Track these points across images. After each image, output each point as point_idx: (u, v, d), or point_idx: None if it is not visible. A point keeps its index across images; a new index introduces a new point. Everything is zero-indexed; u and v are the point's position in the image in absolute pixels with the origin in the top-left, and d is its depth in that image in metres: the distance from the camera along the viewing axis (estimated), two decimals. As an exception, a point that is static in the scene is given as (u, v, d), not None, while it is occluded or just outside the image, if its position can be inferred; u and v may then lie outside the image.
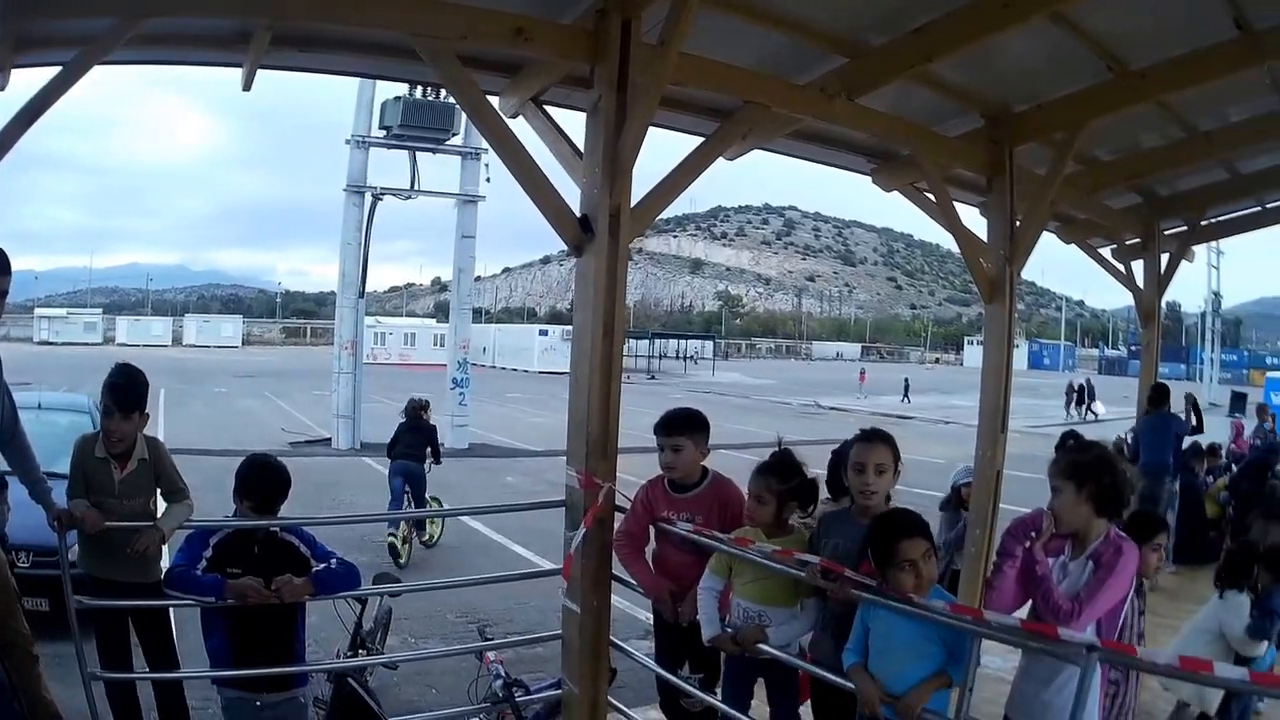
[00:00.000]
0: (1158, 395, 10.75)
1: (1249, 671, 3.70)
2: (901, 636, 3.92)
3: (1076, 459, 3.86)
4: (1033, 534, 3.75)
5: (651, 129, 5.60)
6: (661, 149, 6.63)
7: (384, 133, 23.33)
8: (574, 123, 5.79)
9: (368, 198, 23.98)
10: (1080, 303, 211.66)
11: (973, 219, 8.67)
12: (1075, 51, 6.83)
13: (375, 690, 5.81)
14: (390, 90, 22.58)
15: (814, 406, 45.06)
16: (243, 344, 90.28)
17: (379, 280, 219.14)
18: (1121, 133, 9.04)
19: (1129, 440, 11.29)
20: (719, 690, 4.90)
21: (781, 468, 4.67)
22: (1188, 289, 70.20)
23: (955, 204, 8.83)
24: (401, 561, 11.60)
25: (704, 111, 6.80)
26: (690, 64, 5.75)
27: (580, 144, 5.64)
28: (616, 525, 5.35)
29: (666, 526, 5.08)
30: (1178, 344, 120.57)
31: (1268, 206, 12.15)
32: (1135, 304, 12.39)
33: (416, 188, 24.26)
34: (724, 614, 4.67)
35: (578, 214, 5.45)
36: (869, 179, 8.80)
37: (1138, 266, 12.10)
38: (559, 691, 5.69)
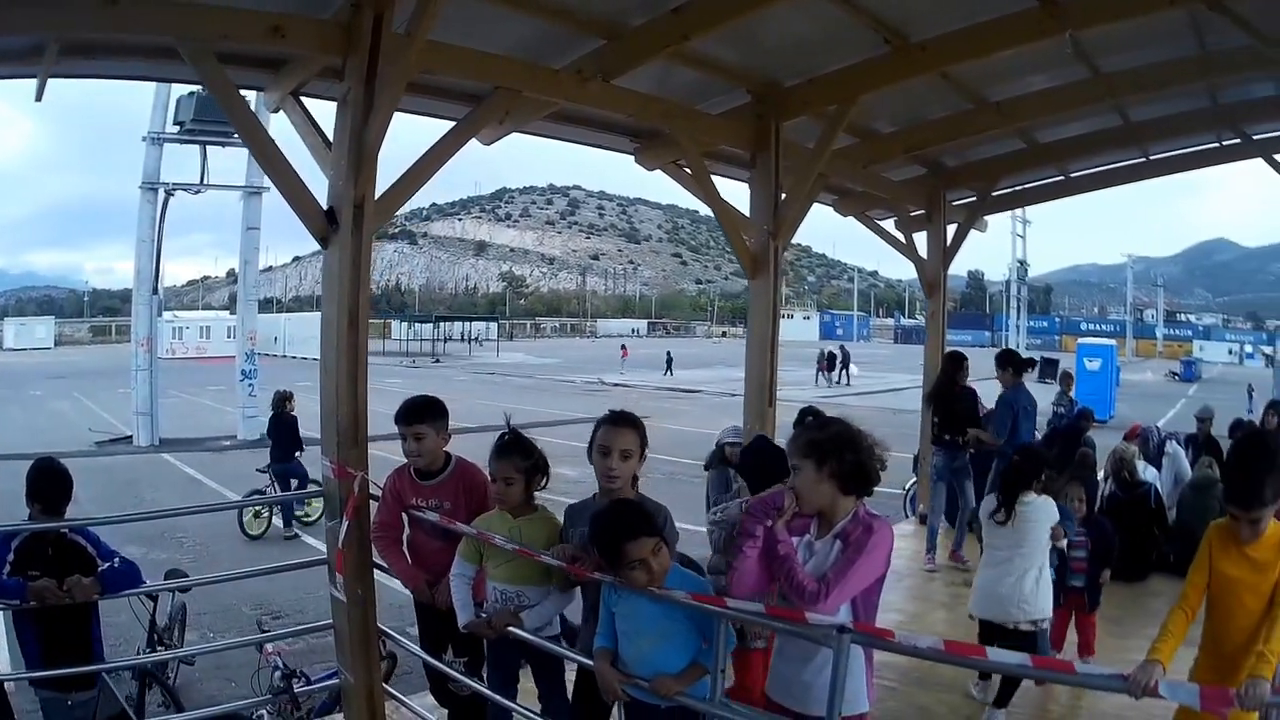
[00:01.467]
0: (1019, 362, 11.23)
1: (1030, 656, 4.28)
2: (647, 619, 4.52)
3: (815, 437, 4.25)
4: (773, 513, 4.18)
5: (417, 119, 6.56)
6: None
7: (178, 128, 25.80)
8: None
9: (161, 194, 26.68)
10: (874, 273, 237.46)
11: (743, 195, 9.69)
12: (851, 26, 7.86)
13: (180, 687, 6.84)
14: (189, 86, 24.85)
15: (598, 383, 49.98)
16: (55, 345, 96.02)
17: (178, 274, 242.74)
18: (903, 105, 10.29)
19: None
20: (486, 674, 5.60)
21: (519, 446, 5.30)
22: (996, 257, 78.85)
23: (726, 180, 9.96)
24: (252, 533, 14.44)
25: (460, 98, 7.56)
26: (440, 52, 6.55)
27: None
28: (373, 514, 6.04)
29: (416, 515, 5.77)
30: (981, 312, 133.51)
31: (1072, 175, 13.89)
32: (919, 275, 13.93)
33: (205, 182, 27.05)
34: (481, 598, 5.31)
35: (325, 206, 6.13)
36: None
37: (922, 237, 13.60)
38: (338, 681, 6.46)
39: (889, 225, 14.09)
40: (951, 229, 14.07)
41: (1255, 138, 12.63)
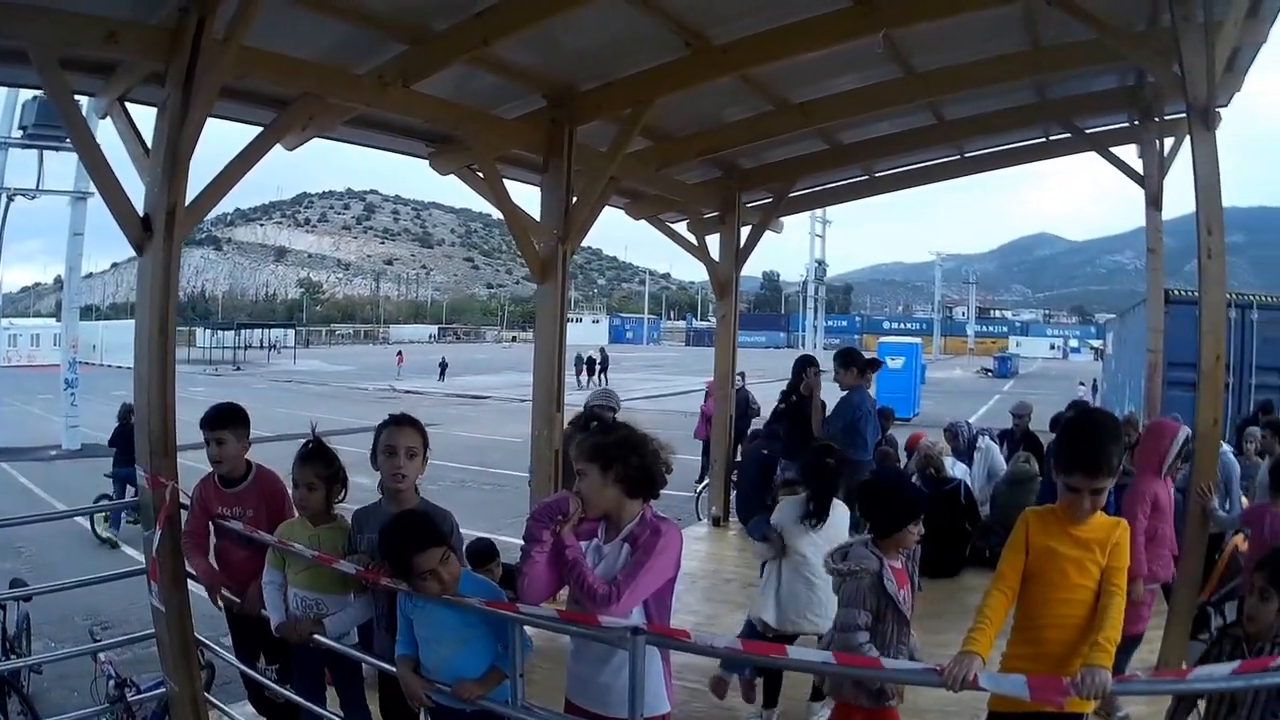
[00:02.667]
0: (862, 362, 11.70)
1: (834, 654, 4.89)
2: (444, 626, 5.13)
3: (600, 441, 4.70)
4: (559, 517, 4.58)
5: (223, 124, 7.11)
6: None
7: (21, 133, 27.38)
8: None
9: (3, 199, 28.41)
10: (666, 275, 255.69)
11: (538, 199, 10.53)
12: (651, 29, 8.70)
13: (33, 695, 7.71)
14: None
15: (390, 390, 54.06)
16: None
17: (15, 280, 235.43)
18: (701, 108, 11.22)
19: None
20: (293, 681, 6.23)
21: (321, 455, 6.08)
22: (795, 257, 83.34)
23: (521, 185, 10.79)
24: (103, 535, 16.17)
25: (269, 103, 8.25)
26: (253, 57, 7.18)
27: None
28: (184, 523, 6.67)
29: (221, 523, 6.51)
30: (777, 312, 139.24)
31: (877, 174, 15.25)
32: (710, 277, 15.06)
33: (41, 187, 28.92)
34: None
35: (141, 213, 6.72)
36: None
37: (715, 239, 14.71)
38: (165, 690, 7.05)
39: (682, 228, 15.23)
40: (745, 230, 15.23)
41: (1089, 131, 14.15)
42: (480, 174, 10.40)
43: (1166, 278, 15.55)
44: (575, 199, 10.35)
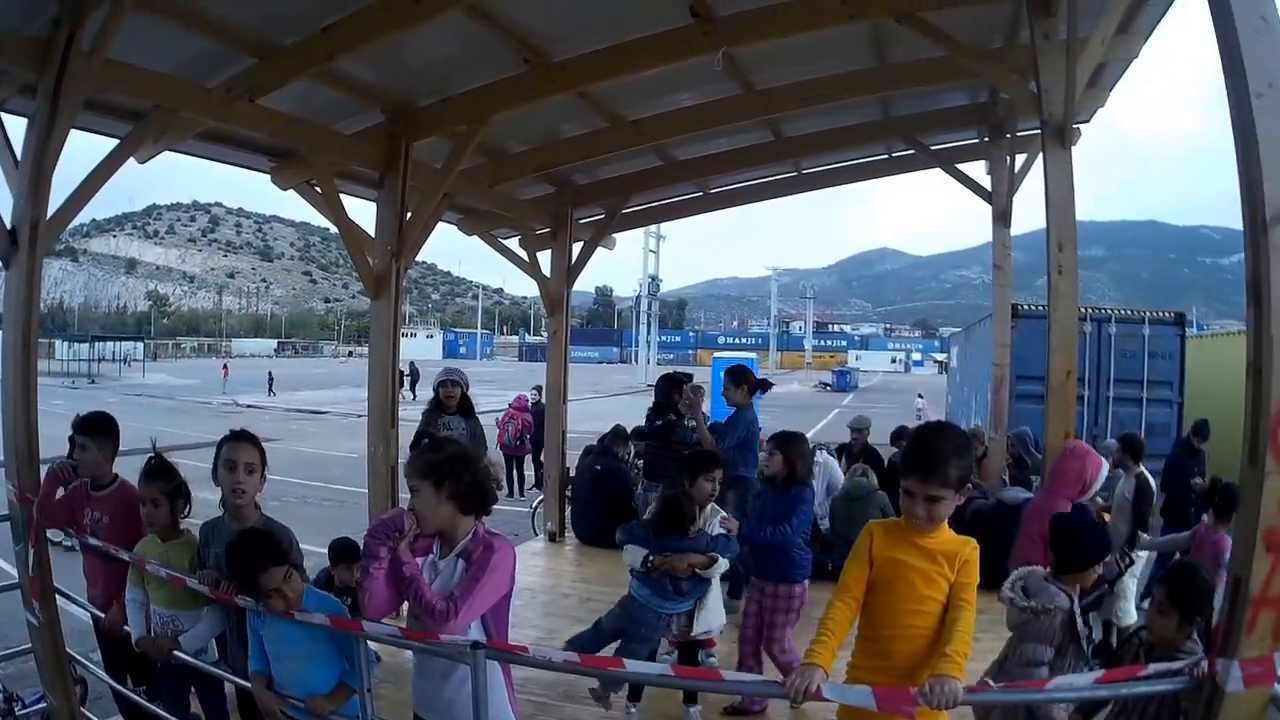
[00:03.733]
0: (753, 381, 11.53)
1: (672, 665, 5.49)
2: (292, 642, 5.43)
3: (432, 458, 4.87)
4: (395, 534, 4.77)
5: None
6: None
7: None
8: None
9: None
10: (499, 290, 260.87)
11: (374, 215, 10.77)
12: (490, 45, 9.05)
13: None
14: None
15: (233, 405, 54.70)
16: None
17: None
18: (537, 124, 11.60)
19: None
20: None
21: (163, 471, 6.41)
22: (629, 273, 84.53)
23: (360, 201, 11.13)
24: None
25: (125, 115, 8.49)
26: (115, 70, 7.42)
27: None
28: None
29: (83, 540, 6.87)
30: (610, 327, 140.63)
31: (711, 191, 15.68)
32: (541, 293, 15.33)
33: None
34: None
35: (9, 226, 6.96)
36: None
37: (547, 256, 15.05)
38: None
39: (515, 244, 15.52)
40: (578, 247, 15.57)
41: (934, 148, 14.67)
42: (319, 189, 10.58)
43: (1016, 292, 16.11)
44: (410, 215, 10.60)
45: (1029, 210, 11.04)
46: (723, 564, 7.80)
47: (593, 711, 7.90)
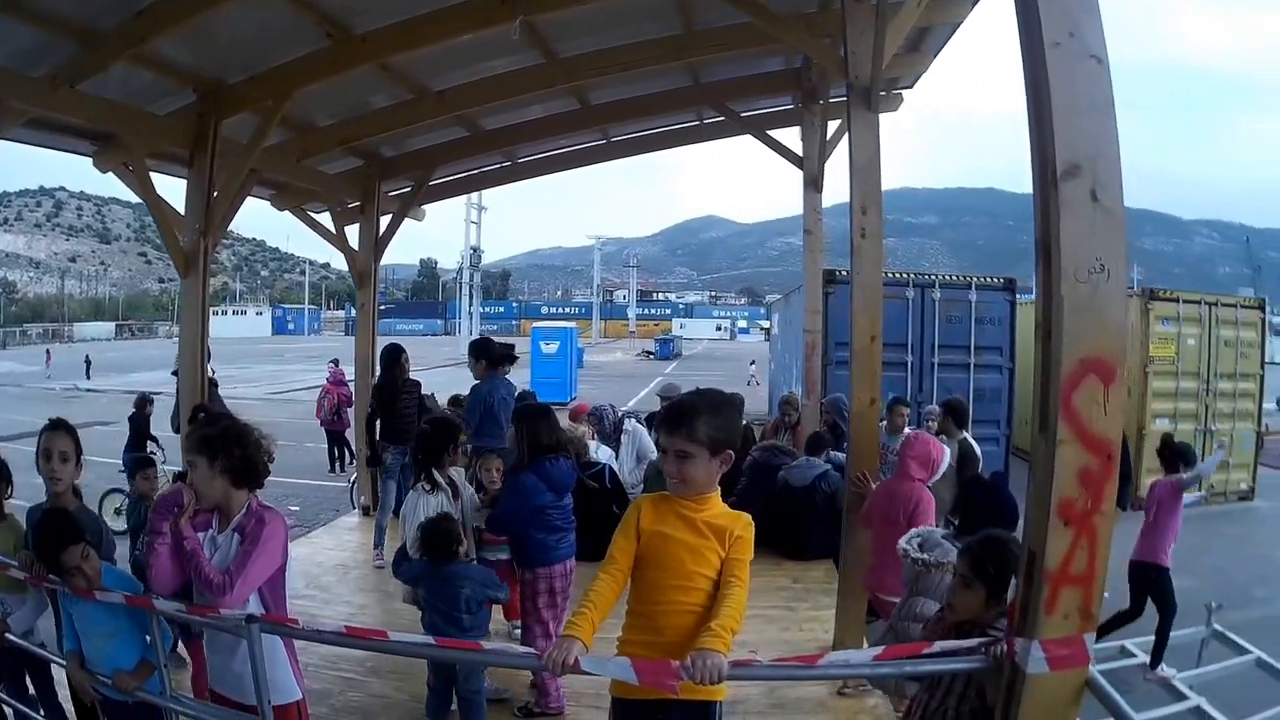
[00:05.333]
0: (494, 353, 11.78)
1: (434, 639, 5.26)
2: (95, 620, 5.40)
3: (206, 433, 4.89)
4: (176, 509, 4.84)
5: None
6: None
7: None
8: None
9: None
10: (326, 265, 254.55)
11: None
12: (295, 21, 8.93)
13: None
14: None
15: (74, 389, 53.64)
16: None
17: None
18: (342, 98, 11.49)
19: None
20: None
21: None
22: (455, 244, 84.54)
23: (177, 180, 10.93)
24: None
25: None
26: None
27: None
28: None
29: None
30: (435, 300, 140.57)
31: (520, 160, 15.61)
32: (349, 267, 15.29)
33: None
34: None
35: None
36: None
37: (355, 229, 15.02)
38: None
39: (326, 219, 15.45)
40: (386, 220, 15.55)
41: (745, 114, 14.69)
42: (134, 170, 10.41)
43: (838, 258, 16.17)
44: (216, 193, 10.45)
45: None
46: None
47: (400, 688, 7.85)
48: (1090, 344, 3.78)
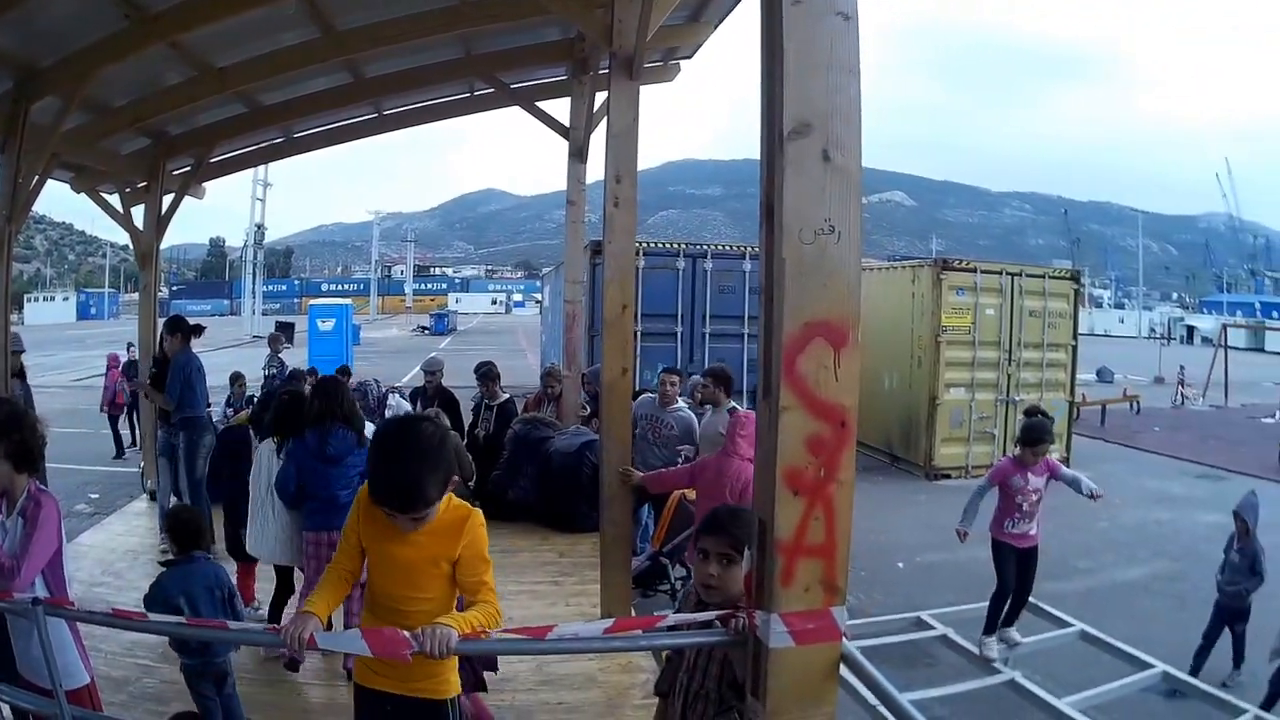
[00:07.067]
0: (186, 328, 11.93)
1: (186, 618, 5.26)
2: None
3: None
4: None
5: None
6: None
7: None
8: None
9: None
10: (126, 247, 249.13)
11: None
12: (99, 3, 8.93)
13: None
14: None
15: None
16: None
17: None
18: (137, 78, 11.35)
19: None
20: None
21: None
22: (243, 223, 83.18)
23: None
24: None
25: None
26: None
27: None
28: None
29: None
30: (222, 279, 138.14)
31: (295, 135, 15.57)
32: (133, 247, 15.14)
33: None
34: None
35: None
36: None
37: (141, 210, 14.88)
38: None
39: (117, 200, 15.25)
40: (166, 199, 15.27)
41: (515, 86, 14.72)
42: None
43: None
44: (21, 179, 10.46)
45: (650, 145, 10.89)
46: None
47: (168, 680, 7.38)
48: (817, 307, 3.65)
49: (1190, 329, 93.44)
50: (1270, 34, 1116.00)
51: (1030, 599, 9.56)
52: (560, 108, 15.12)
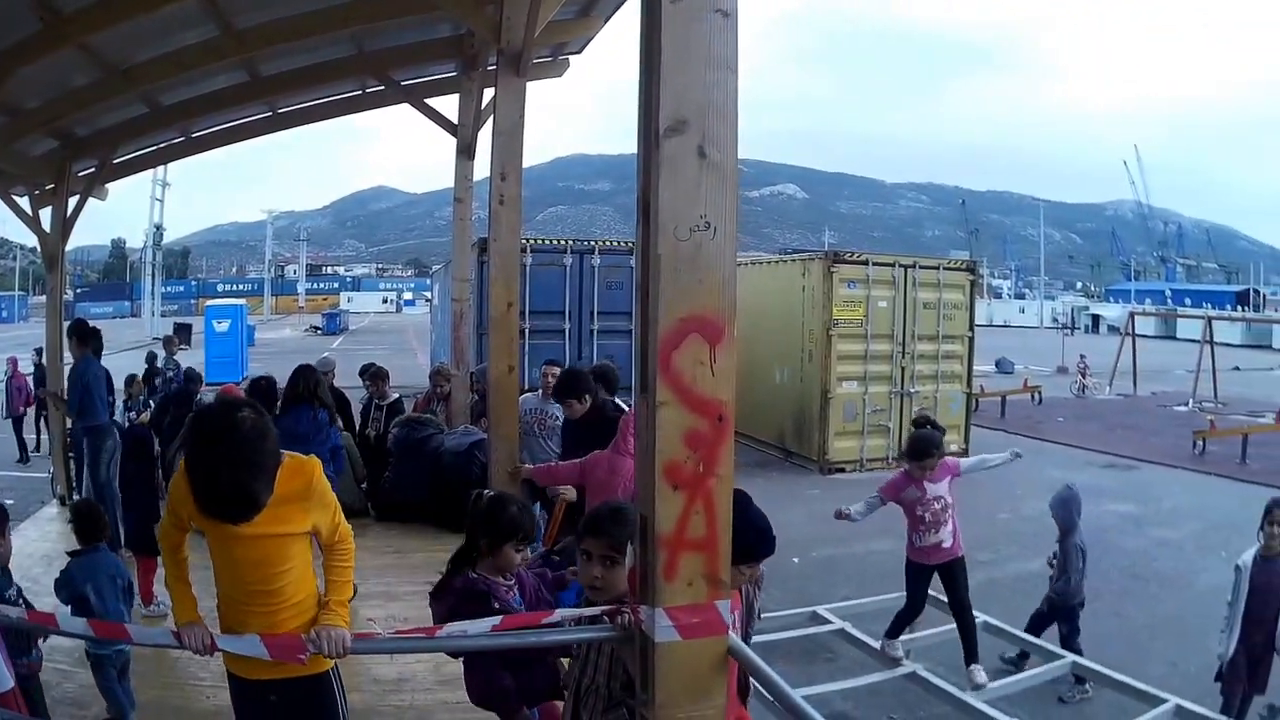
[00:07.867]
0: (85, 333, 12.45)
1: (88, 621, 5.20)
2: None
3: None
4: None
5: None
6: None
7: None
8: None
9: None
10: (34, 250, 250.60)
11: None
12: (15, 5, 8.93)
13: None
14: None
15: None
16: None
17: None
18: (48, 80, 11.30)
19: None
20: None
21: None
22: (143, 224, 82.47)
23: None
24: None
25: None
26: None
27: None
28: None
29: None
30: (124, 281, 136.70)
31: (194, 135, 15.54)
32: (40, 250, 15.17)
33: None
34: None
35: None
36: None
37: (49, 212, 14.77)
38: None
39: (26, 203, 15.15)
40: (72, 201, 15.10)
41: (405, 83, 14.81)
42: None
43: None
44: None
45: (534, 144, 10.91)
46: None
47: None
48: (693, 303, 3.70)
49: (1096, 318, 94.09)
50: (1185, 21, 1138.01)
51: (929, 592, 9.54)
52: (450, 104, 15.24)
